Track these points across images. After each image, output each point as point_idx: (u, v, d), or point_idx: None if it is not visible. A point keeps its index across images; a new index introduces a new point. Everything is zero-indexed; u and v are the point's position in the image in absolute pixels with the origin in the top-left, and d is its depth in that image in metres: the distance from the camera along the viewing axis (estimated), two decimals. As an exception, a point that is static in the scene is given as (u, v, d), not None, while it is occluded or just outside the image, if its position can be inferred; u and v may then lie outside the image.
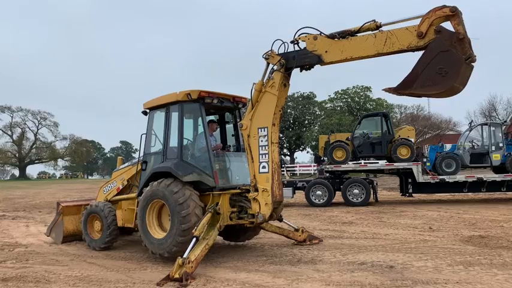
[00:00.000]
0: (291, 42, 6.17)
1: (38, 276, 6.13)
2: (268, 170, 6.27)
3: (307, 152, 55.30)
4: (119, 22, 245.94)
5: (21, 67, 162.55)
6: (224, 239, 8.11)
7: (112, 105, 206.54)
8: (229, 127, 8.04)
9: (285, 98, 6.74)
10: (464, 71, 4.95)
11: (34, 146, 79.20)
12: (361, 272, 5.74)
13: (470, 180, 14.94)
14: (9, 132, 76.18)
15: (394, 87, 5.24)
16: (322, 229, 9.81)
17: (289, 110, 51.12)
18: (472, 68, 5.04)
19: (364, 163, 18.57)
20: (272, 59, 6.28)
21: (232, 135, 7.91)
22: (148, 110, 7.58)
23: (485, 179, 14.91)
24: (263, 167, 6.30)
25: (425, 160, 15.96)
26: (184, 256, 5.66)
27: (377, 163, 18.78)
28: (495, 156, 15.51)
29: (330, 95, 48.74)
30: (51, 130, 78.79)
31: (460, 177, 15.07)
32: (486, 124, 16.70)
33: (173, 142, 6.98)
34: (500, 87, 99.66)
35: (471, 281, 5.18)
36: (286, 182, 16.16)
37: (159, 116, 7.35)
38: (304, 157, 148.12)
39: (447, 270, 5.74)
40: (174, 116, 7.03)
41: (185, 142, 6.98)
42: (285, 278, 5.55)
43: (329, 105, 49.49)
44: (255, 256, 6.99)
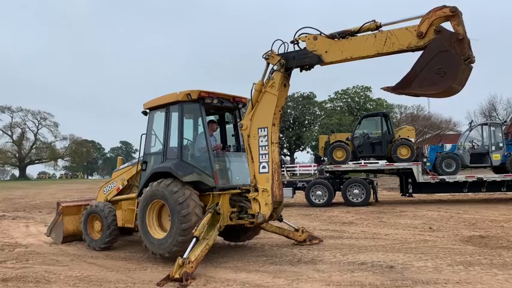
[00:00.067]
0: (291, 42, 6.17)
1: (38, 276, 6.13)
2: (268, 170, 6.27)
3: (307, 152, 55.38)
4: (119, 22, 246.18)
5: (21, 67, 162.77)
6: (224, 240, 8.11)
7: (112, 105, 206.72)
8: (229, 127, 8.04)
9: (285, 98, 6.74)
10: (462, 72, 4.95)
11: (34, 146, 79.22)
12: (361, 272, 5.75)
13: (470, 180, 14.94)
14: (9, 132, 76.28)
15: (393, 86, 5.25)
16: (322, 229, 9.81)
17: (289, 110, 51.11)
18: (471, 69, 5.04)
19: (364, 163, 18.56)
20: (272, 59, 6.29)
21: (232, 135, 7.92)
22: (148, 110, 7.58)
23: (485, 179, 14.91)
24: (263, 167, 6.30)
25: (425, 160, 15.96)
26: (184, 256, 5.66)
27: (377, 163, 18.75)
28: (495, 156, 15.51)
29: (330, 95, 48.85)
30: (51, 130, 78.96)
31: (460, 177, 15.07)
32: (486, 124, 16.69)
33: (173, 142, 6.98)
34: (500, 87, 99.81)
35: (471, 281, 5.18)
36: (286, 182, 16.16)
37: (159, 116, 7.35)
38: (304, 157, 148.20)
39: (447, 270, 5.74)
40: (174, 116, 7.04)
41: (185, 142, 6.99)
42: (285, 278, 5.55)
43: (329, 105, 49.50)
44: (255, 256, 6.99)
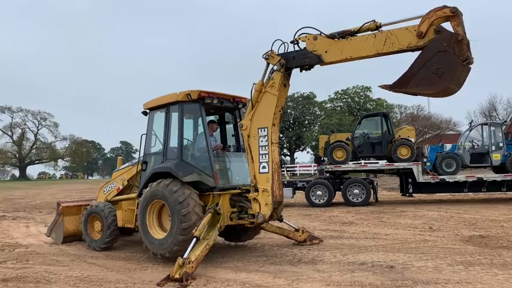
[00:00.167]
0: (291, 42, 6.17)
1: (38, 276, 6.13)
2: (268, 170, 6.27)
3: (307, 152, 55.35)
4: (119, 22, 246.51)
5: (21, 67, 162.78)
6: (225, 240, 8.11)
7: (112, 105, 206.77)
8: (229, 127, 8.04)
9: (285, 98, 6.75)
10: (460, 73, 4.95)
11: (34, 147, 79.22)
12: (361, 272, 5.74)
13: (470, 180, 14.93)
14: (9, 132, 76.29)
15: (390, 84, 5.27)
16: (322, 229, 9.81)
17: (289, 110, 51.11)
18: (469, 70, 5.04)
19: (364, 163, 18.55)
20: (272, 59, 6.29)
21: (232, 135, 7.92)
22: (148, 111, 7.58)
23: (485, 179, 14.90)
24: (263, 167, 6.31)
25: (425, 160, 15.95)
26: (184, 256, 5.66)
27: (377, 163, 18.74)
28: (495, 156, 15.50)
29: (330, 95, 48.89)
30: (51, 130, 78.97)
31: (460, 177, 15.06)
32: (486, 124, 16.69)
33: (173, 142, 6.98)
34: (500, 87, 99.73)
35: (471, 281, 5.18)
36: (286, 182, 16.16)
37: (159, 117, 7.35)
38: (304, 157, 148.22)
39: (447, 270, 5.74)
40: (174, 116, 7.03)
41: (185, 142, 6.99)
42: (286, 278, 5.55)
43: (329, 105, 49.51)
44: (256, 256, 6.99)
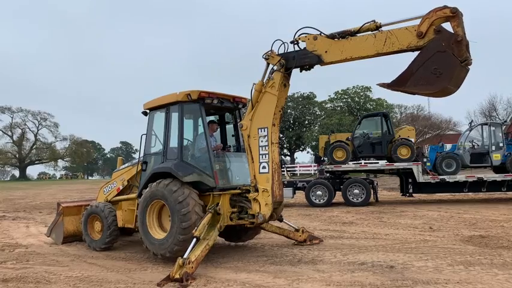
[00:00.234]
0: (291, 42, 6.17)
1: (39, 276, 6.13)
2: (268, 170, 6.27)
3: (307, 152, 55.36)
4: (119, 22, 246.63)
5: (21, 67, 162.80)
6: (225, 240, 8.11)
7: (112, 105, 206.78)
8: (229, 127, 8.04)
9: (285, 98, 6.74)
10: (458, 74, 4.95)
11: (34, 147, 79.20)
12: (361, 272, 5.74)
13: (470, 180, 14.93)
14: (9, 132, 76.25)
15: (388, 83, 5.30)
16: (322, 229, 9.81)
17: (289, 110, 51.11)
18: (468, 71, 5.04)
19: (364, 163, 18.56)
20: (272, 59, 6.29)
21: (232, 135, 7.92)
22: (148, 111, 7.58)
23: (485, 179, 14.90)
24: (263, 167, 6.31)
25: (425, 160, 15.95)
26: (184, 256, 5.66)
27: (377, 163, 18.75)
28: (495, 156, 15.50)
29: (330, 95, 48.84)
30: (51, 131, 78.93)
31: (461, 177, 15.06)
32: (486, 124, 16.69)
33: (173, 142, 6.98)
34: (500, 87, 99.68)
35: (472, 281, 5.18)
36: (286, 182, 16.17)
37: (159, 117, 7.35)
38: (304, 157, 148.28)
39: (447, 270, 5.74)
40: (174, 117, 7.03)
41: (185, 142, 6.99)
42: (286, 278, 5.55)
43: (329, 105, 49.49)
44: (256, 256, 6.99)
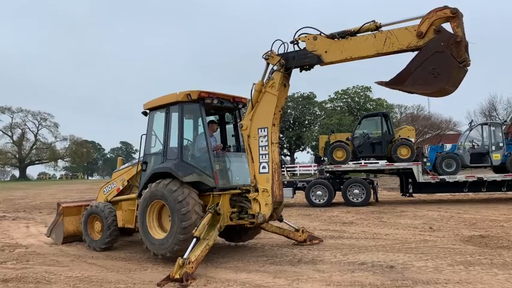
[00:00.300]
0: (291, 42, 6.17)
1: (39, 277, 6.13)
2: (268, 170, 6.27)
3: (307, 152, 55.34)
4: (119, 22, 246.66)
5: (21, 67, 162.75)
6: (226, 240, 8.11)
7: (112, 105, 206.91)
8: (229, 127, 8.04)
9: (285, 98, 6.74)
10: (456, 74, 4.95)
11: (34, 147, 79.17)
12: (361, 272, 5.74)
13: (470, 180, 14.93)
14: (9, 133, 76.23)
15: (386, 81, 5.31)
16: (322, 229, 9.81)
17: (289, 110, 51.10)
18: (466, 72, 5.05)
19: (364, 163, 18.56)
20: (272, 59, 6.29)
21: (232, 135, 7.92)
22: (148, 111, 7.58)
23: (485, 179, 14.90)
24: (263, 168, 6.31)
25: (425, 160, 15.94)
26: (184, 256, 5.66)
27: (377, 163, 18.74)
28: (495, 156, 15.50)
29: (330, 95, 48.80)
30: (51, 131, 78.90)
31: (460, 177, 15.06)
32: (486, 124, 16.69)
33: (173, 143, 6.98)
34: (500, 87, 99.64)
35: (472, 281, 5.18)
36: (286, 182, 16.17)
37: (159, 117, 7.35)
38: (304, 157, 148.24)
39: (448, 270, 5.74)
40: (174, 117, 7.03)
41: (185, 142, 6.99)
42: (286, 278, 5.55)
43: (329, 105, 49.48)
44: (256, 256, 6.99)
